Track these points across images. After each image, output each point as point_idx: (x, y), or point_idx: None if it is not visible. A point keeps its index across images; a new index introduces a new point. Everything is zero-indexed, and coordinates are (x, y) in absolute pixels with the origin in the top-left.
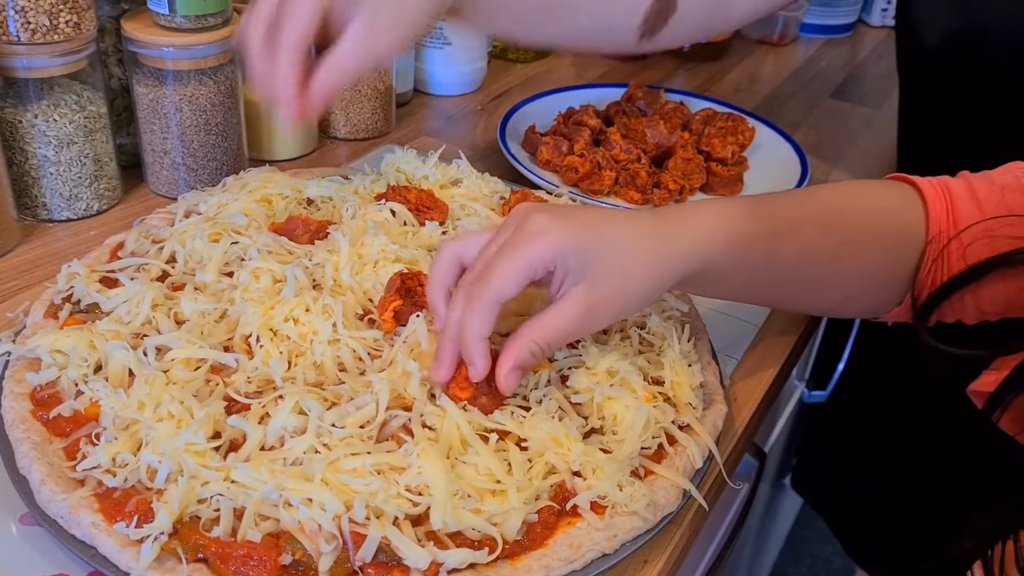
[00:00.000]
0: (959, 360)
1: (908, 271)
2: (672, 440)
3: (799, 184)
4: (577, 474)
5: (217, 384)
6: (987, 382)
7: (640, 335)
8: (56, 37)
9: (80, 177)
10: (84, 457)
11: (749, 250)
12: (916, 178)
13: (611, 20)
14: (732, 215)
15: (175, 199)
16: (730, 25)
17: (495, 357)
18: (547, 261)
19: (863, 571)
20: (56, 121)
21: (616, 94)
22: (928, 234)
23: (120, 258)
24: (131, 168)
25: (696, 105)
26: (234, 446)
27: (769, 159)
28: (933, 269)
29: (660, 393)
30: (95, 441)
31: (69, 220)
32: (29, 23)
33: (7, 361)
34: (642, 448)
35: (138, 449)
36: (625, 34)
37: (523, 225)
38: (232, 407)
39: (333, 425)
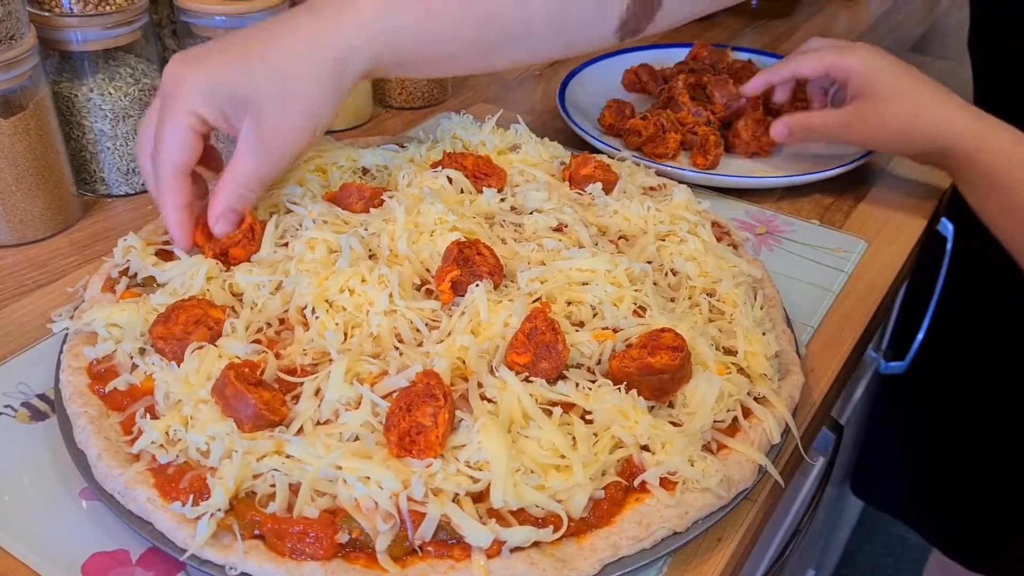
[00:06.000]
0: None
1: None
2: (747, 413)
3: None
4: (645, 448)
5: (264, 353)
6: None
7: (710, 302)
8: (108, 8)
9: None
10: (140, 431)
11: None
12: None
13: (573, 39)
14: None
15: None
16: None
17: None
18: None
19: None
20: (112, 95)
21: (679, 55)
22: None
23: None
24: None
25: (765, 64)
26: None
27: None
28: None
29: (733, 363)
30: (152, 415)
31: (127, 195)
32: None
33: (66, 335)
34: (715, 421)
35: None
36: (599, 40)
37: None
38: (284, 386)
39: (386, 397)
